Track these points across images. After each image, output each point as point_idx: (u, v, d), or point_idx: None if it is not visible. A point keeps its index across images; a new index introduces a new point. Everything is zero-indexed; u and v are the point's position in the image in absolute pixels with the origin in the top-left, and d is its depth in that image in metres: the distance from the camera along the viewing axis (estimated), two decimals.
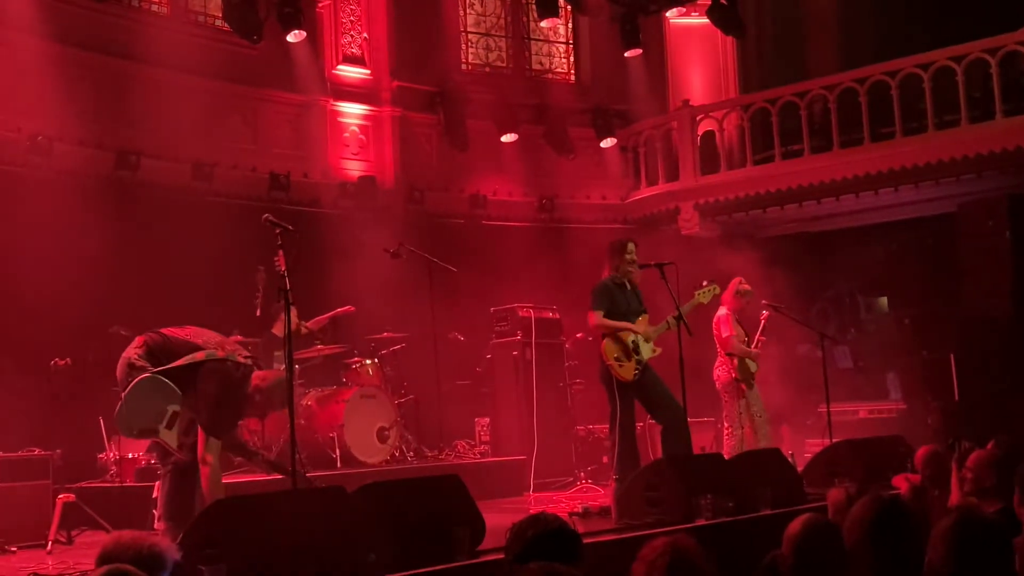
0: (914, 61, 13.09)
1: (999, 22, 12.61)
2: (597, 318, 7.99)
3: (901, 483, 7.07)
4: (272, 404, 6.66)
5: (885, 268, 14.64)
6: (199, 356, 6.36)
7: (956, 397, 11.62)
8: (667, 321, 8.05)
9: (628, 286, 8.17)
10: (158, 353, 6.34)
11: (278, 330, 9.47)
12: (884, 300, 15.26)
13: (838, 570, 3.59)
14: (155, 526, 6.42)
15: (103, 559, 3.29)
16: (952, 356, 11.85)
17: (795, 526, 3.70)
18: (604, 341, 7.95)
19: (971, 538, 3.21)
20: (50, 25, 10.39)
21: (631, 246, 8.20)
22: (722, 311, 9.68)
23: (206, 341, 6.51)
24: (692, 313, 8.25)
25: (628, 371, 7.90)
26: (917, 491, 6.60)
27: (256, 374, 6.57)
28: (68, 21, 10.79)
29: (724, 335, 9.54)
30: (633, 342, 7.96)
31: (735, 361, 9.55)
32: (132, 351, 6.34)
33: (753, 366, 9.66)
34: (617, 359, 7.89)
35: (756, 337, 9.81)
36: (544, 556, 3.45)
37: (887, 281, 14.80)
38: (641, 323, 8.07)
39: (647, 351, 8.01)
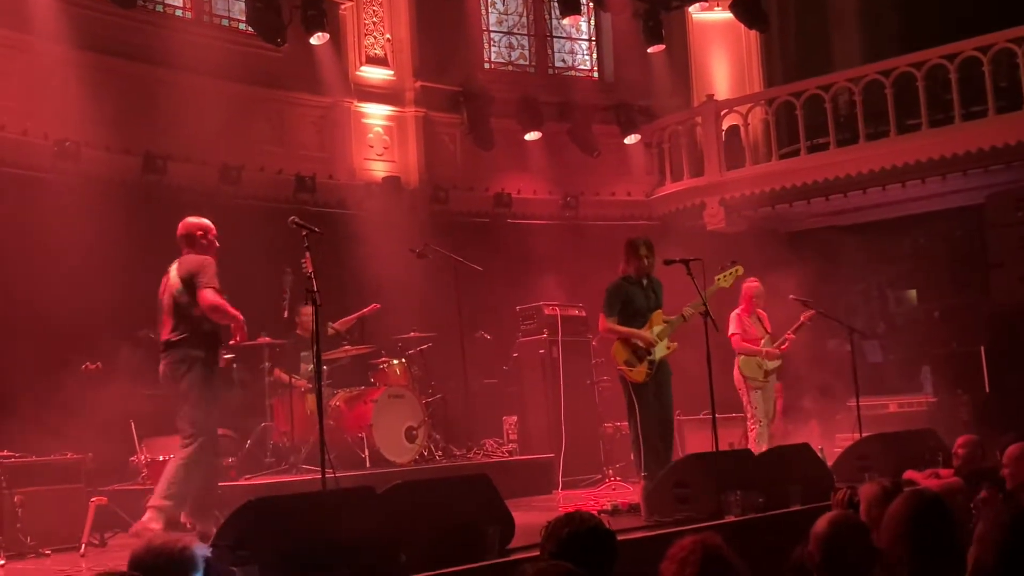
0: (939, 52, 12.98)
1: None
2: (606, 323, 7.91)
3: (932, 478, 7.02)
4: None
5: (913, 261, 14.53)
6: None
7: (987, 389, 11.52)
8: (681, 315, 7.91)
9: (645, 282, 8.00)
10: None
11: (305, 331, 9.52)
12: (913, 293, 15.14)
13: (866, 567, 3.56)
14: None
15: (135, 562, 3.31)
16: (982, 348, 11.75)
17: (822, 524, 3.65)
18: (614, 345, 7.89)
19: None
20: (75, 31, 10.45)
21: (644, 246, 7.96)
22: (736, 309, 9.90)
23: None
24: (716, 305, 8.16)
25: (640, 374, 7.79)
26: (949, 487, 6.53)
27: None
28: (93, 27, 10.85)
29: (728, 333, 9.67)
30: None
31: (739, 359, 9.77)
32: None
33: (768, 364, 9.72)
34: (627, 362, 7.80)
35: (769, 335, 9.86)
36: (579, 555, 3.45)
37: (916, 274, 14.67)
38: (656, 317, 7.90)
39: (660, 350, 7.86)
